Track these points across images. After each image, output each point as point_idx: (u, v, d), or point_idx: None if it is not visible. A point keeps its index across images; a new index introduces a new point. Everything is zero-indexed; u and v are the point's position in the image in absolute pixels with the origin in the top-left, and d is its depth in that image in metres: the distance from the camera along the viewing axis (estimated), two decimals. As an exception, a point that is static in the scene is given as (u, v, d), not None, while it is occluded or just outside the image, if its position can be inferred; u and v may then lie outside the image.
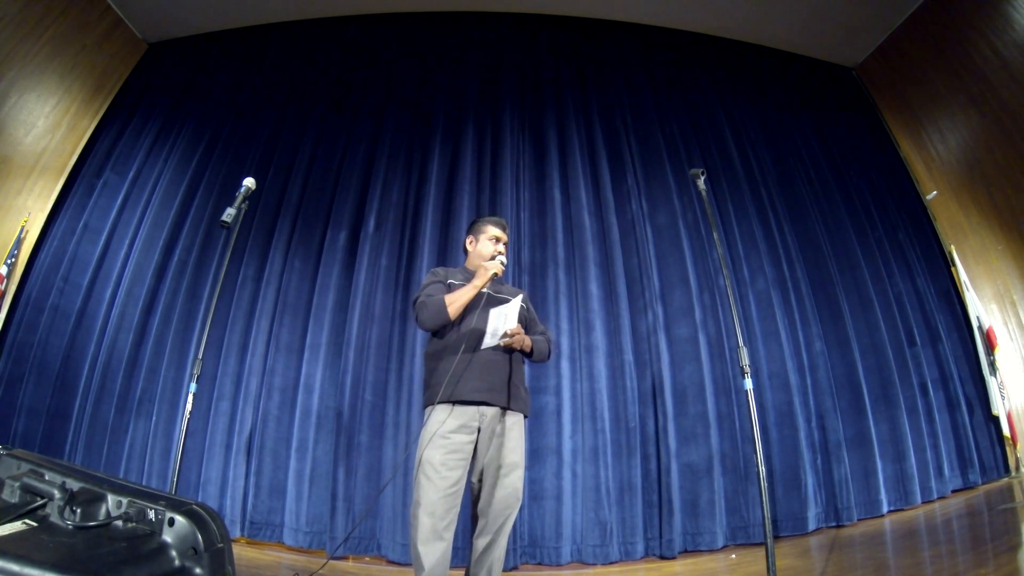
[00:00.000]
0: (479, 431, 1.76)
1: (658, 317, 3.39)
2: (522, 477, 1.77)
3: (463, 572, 1.77)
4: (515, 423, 1.82)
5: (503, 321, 1.79)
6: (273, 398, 3.26)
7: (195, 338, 3.44)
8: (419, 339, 3.19)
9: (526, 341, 1.88)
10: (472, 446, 1.75)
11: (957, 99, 4.08)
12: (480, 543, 1.69)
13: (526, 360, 2.03)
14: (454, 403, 1.75)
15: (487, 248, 2.03)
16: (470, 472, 1.77)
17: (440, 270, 2.07)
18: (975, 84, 3.92)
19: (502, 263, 1.92)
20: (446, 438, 1.70)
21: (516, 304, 1.83)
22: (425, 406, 1.83)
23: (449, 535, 1.63)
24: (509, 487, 1.71)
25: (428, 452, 1.69)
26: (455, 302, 1.84)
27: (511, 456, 1.75)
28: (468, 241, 2.13)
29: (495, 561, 1.69)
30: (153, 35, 4.50)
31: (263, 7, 4.49)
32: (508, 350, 1.86)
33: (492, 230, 2.08)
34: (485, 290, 1.90)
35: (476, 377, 1.78)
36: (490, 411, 1.78)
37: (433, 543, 1.59)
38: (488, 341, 1.80)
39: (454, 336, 1.85)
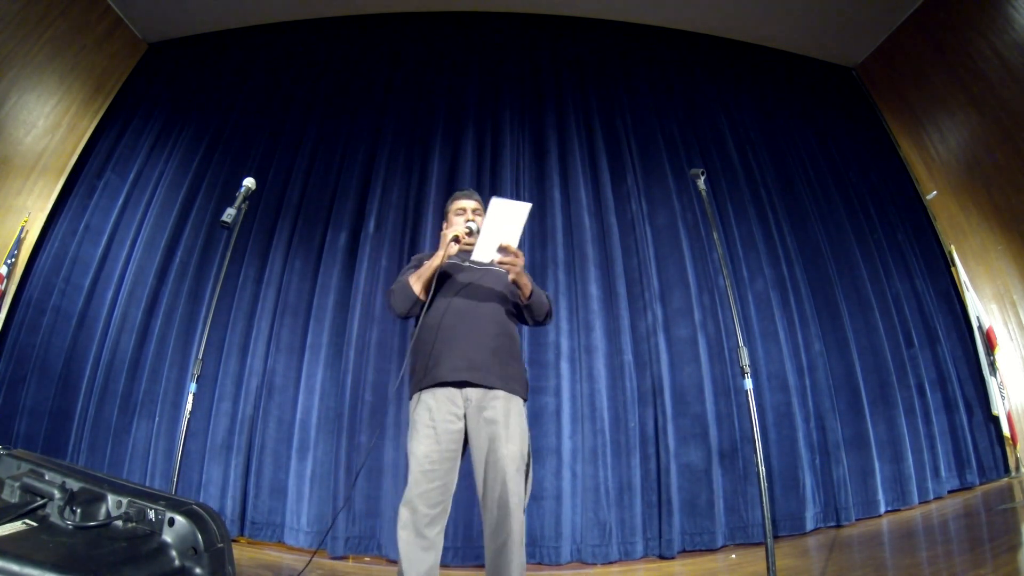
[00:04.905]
0: (465, 417, 1.57)
1: (657, 317, 3.39)
2: (521, 470, 1.51)
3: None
4: (510, 407, 1.57)
5: (506, 222, 1.46)
6: (274, 398, 3.26)
7: (197, 339, 3.44)
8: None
9: (524, 276, 1.65)
10: (461, 435, 1.57)
11: (957, 99, 4.08)
12: (492, 545, 1.48)
13: (520, 323, 1.79)
14: (435, 387, 1.59)
15: (456, 223, 1.87)
16: (472, 465, 1.58)
17: (416, 256, 1.93)
18: (975, 84, 3.92)
19: (468, 228, 1.73)
20: (429, 427, 1.55)
21: (524, 208, 1.55)
22: (410, 395, 1.68)
23: (432, 532, 1.49)
24: (502, 484, 1.47)
25: (411, 444, 1.57)
26: (420, 277, 1.69)
27: (507, 447, 1.51)
28: (443, 227, 1.96)
29: (512, 568, 1.45)
30: (153, 35, 4.50)
31: (263, 7, 4.49)
32: (497, 296, 1.60)
33: (456, 204, 1.92)
34: (461, 262, 1.78)
35: (456, 354, 1.58)
36: (475, 393, 1.57)
37: (413, 539, 1.47)
38: (481, 250, 1.54)
39: (428, 314, 1.67)
